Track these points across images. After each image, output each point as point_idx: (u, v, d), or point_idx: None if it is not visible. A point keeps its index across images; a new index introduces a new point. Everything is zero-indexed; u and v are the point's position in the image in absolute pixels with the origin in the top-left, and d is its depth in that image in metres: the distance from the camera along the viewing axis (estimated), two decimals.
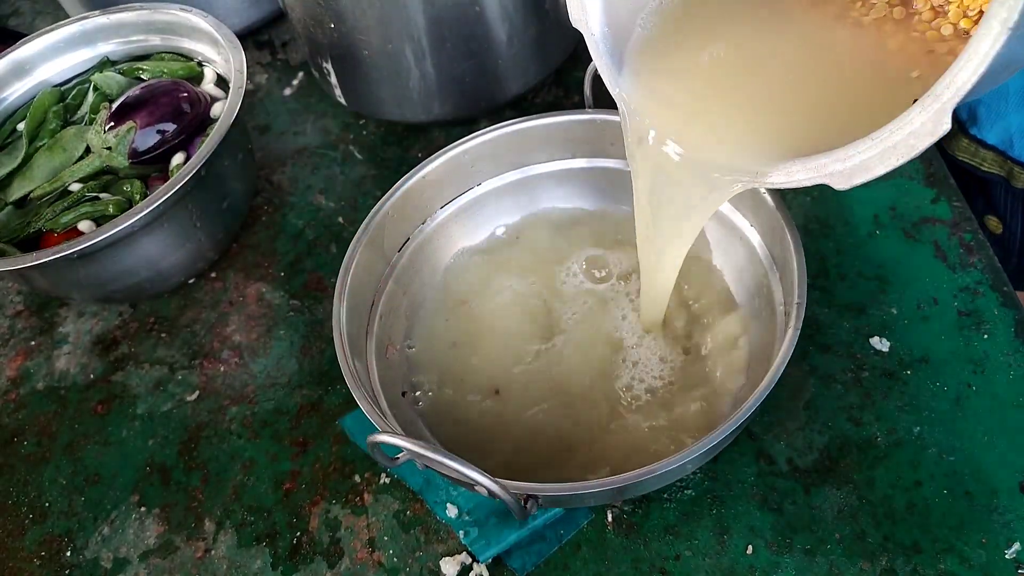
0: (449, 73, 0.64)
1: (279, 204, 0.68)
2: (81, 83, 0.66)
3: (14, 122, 0.65)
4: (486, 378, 0.52)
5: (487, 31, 0.62)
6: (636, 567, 0.46)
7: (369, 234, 0.51)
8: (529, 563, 0.47)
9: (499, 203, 0.58)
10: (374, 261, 0.53)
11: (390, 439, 0.39)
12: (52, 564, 0.52)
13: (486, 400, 0.51)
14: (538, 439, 0.49)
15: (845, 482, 0.47)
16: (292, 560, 0.49)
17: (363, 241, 0.51)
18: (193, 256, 0.61)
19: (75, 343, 0.63)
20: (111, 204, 0.57)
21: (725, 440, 0.40)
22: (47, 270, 0.55)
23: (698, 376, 0.50)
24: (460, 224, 0.58)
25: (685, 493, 0.48)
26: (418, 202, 0.55)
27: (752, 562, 0.45)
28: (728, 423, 0.40)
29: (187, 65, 0.65)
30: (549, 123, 0.55)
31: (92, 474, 0.55)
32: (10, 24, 0.94)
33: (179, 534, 0.52)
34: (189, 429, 0.56)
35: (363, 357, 0.50)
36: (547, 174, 0.58)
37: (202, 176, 0.55)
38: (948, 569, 0.43)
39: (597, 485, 0.39)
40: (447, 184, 0.56)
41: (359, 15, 0.60)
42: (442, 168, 0.55)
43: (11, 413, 0.60)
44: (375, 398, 0.47)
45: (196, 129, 0.60)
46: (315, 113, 0.75)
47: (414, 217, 0.56)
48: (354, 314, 0.49)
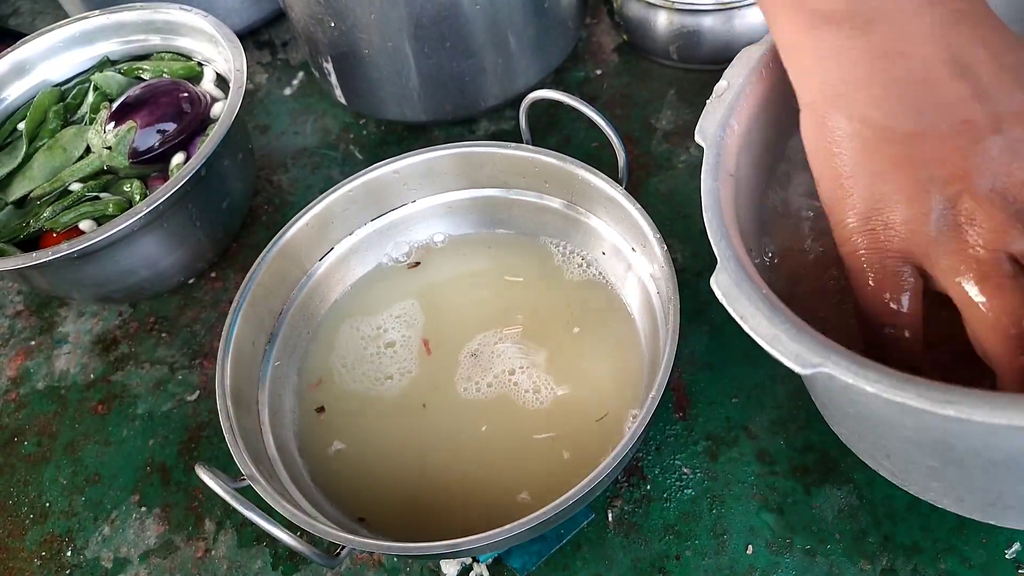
0: (449, 72, 0.64)
1: (279, 204, 0.68)
2: (81, 83, 0.66)
3: (14, 122, 0.65)
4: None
5: (487, 30, 0.62)
6: (636, 567, 0.46)
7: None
8: (529, 563, 0.47)
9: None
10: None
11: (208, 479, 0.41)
12: (52, 564, 0.52)
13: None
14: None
15: (845, 482, 0.47)
16: (292, 560, 0.49)
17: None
18: (193, 256, 0.61)
19: (75, 343, 0.63)
20: (111, 204, 0.57)
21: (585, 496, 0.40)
22: (47, 270, 0.55)
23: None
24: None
25: (685, 493, 0.48)
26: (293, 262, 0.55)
27: (752, 562, 0.45)
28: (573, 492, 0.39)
29: (187, 65, 0.65)
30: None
31: (92, 474, 0.55)
32: (10, 24, 0.94)
33: (179, 534, 0.52)
34: (189, 429, 0.56)
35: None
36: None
37: (202, 176, 0.55)
38: (948, 569, 0.43)
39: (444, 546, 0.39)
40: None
41: (359, 14, 0.60)
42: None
43: (11, 413, 0.60)
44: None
45: (196, 129, 0.60)
46: (315, 113, 0.75)
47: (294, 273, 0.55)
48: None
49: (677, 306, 0.44)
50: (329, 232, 0.56)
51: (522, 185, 0.56)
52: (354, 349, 0.53)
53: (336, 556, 0.41)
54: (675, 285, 0.45)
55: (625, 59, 0.72)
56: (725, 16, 0.64)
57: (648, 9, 0.66)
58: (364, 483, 0.48)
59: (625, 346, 0.50)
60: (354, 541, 0.40)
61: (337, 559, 0.41)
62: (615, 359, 0.50)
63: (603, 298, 0.53)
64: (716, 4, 0.63)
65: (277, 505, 0.41)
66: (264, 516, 0.39)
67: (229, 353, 0.48)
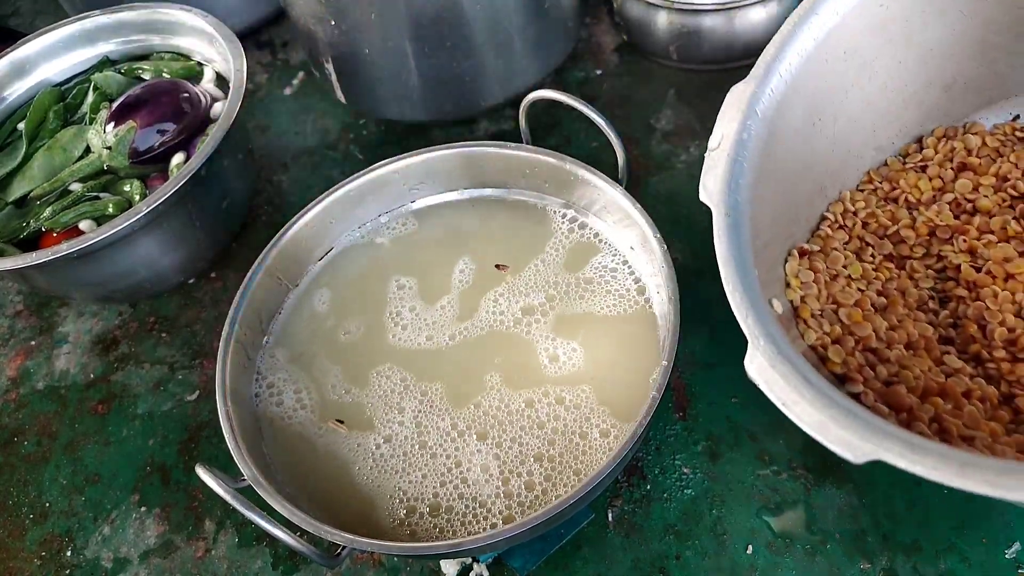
0: (449, 72, 0.64)
1: (279, 204, 0.68)
2: (81, 83, 0.66)
3: (14, 122, 0.65)
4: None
5: (487, 30, 0.62)
6: (636, 567, 0.46)
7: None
8: (530, 563, 0.47)
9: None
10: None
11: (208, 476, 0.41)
12: (52, 564, 0.52)
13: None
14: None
15: (845, 482, 0.47)
16: (292, 560, 0.49)
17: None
18: (193, 256, 0.61)
19: (75, 343, 0.63)
20: (111, 204, 0.57)
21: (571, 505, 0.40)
22: (47, 269, 0.55)
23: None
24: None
25: (685, 493, 0.48)
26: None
27: (752, 562, 0.45)
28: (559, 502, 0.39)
29: (187, 65, 0.65)
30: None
31: (92, 474, 0.55)
32: (10, 23, 0.94)
33: (179, 534, 0.52)
34: (189, 429, 0.56)
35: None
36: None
37: (202, 176, 0.55)
38: (948, 568, 0.43)
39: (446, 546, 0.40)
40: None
41: (359, 14, 0.60)
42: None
43: (11, 413, 0.60)
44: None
45: (196, 129, 0.60)
46: (315, 113, 0.75)
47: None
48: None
49: (677, 306, 0.44)
50: (329, 232, 0.56)
51: (522, 185, 0.56)
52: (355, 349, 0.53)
53: (336, 556, 0.41)
54: (675, 285, 0.45)
55: (625, 59, 0.72)
56: (725, 16, 0.64)
57: (648, 9, 0.66)
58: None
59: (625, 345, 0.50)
60: (354, 541, 0.40)
61: (337, 559, 0.41)
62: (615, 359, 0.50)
63: (603, 297, 0.53)
64: (716, 4, 0.63)
65: (277, 505, 0.41)
66: (264, 516, 0.39)
67: (229, 353, 0.48)
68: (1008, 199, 0.50)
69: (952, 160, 0.52)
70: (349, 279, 0.56)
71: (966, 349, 0.45)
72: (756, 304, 0.36)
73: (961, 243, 0.49)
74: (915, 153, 0.54)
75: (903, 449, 0.30)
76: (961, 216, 0.50)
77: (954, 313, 0.47)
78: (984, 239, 0.48)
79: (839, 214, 0.50)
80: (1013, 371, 0.43)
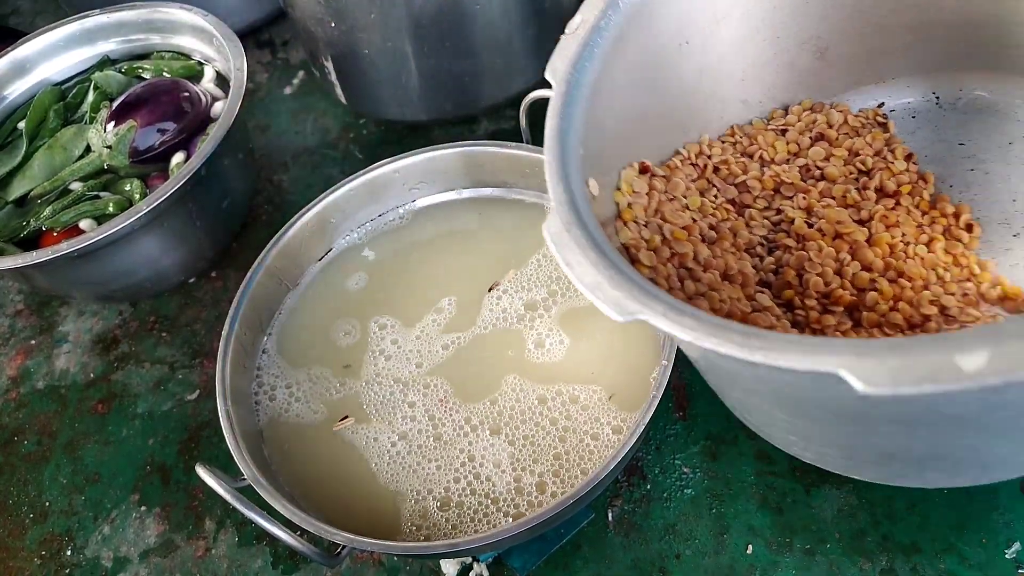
0: (449, 72, 0.64)
1: (279, 204, 0.68)
2: (81, 82, 0.66)
3: (14, 121, 0.65)
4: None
5: (487, 30, 0.62)
6: (636, 566, 0.46)
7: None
8: (530, 563, 0.47)
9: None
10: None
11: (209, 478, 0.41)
12: (52, 563, 0.52)
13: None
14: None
15: (845, 481, 0.47)
16: (292, 559, 0.49)
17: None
18: (193, 255, 0.61)
19: (75, 342, 0.63)
20: (111, 203, 0.57)
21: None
22: (47, 269, 0.55)
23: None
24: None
25: (685, 492, 0.48)
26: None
27: (752, 561, 0.45)
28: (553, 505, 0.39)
29: (187, 64, 0.65)
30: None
31: (92, 473, 0.55)
32: (10, 23, 0.94)
33: (179, 533, 0.52)
34: (189, 428, 0.56)
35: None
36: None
37: (202, 175, 0.55)
38: (948, 568, 0.43)
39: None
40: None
41: (359, 13, 0.60)
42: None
43: (11, 412, 0.60)
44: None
45: (196, 128, 0.60)
46: (315, 113, 0.75)
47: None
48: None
49: None
50: (329, 232, 0.56)
51: (522, 184, 0.56)
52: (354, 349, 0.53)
53: (336, 555, 0.41)
54: None
55: None
56: None
57: None
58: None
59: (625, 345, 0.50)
60: (354, 540, 0.40)
61: (337, 558, 0.41)
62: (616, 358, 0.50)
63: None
64: None
65: (277, 504, 0.41)
66: (264, 515, 0.39)
67: (229, 353, 0.48)
68: (855, 172, 0.51)
69: (812, 130, 0.53)
70: (350, 280, 0.56)
71: (780, 294, 0.45)
72: (569, 176, 0.37)
73: (800, 200, 0.49)
74: (779, 118, 0.54)
75: (666, 310, 0.30)
76: (808, 180, 0.51)
77: (779, 261, 0.47)
78: (824, 202, 0.49)
79: (693, 153, 0.50)
80: (820, 320, 0.43)
